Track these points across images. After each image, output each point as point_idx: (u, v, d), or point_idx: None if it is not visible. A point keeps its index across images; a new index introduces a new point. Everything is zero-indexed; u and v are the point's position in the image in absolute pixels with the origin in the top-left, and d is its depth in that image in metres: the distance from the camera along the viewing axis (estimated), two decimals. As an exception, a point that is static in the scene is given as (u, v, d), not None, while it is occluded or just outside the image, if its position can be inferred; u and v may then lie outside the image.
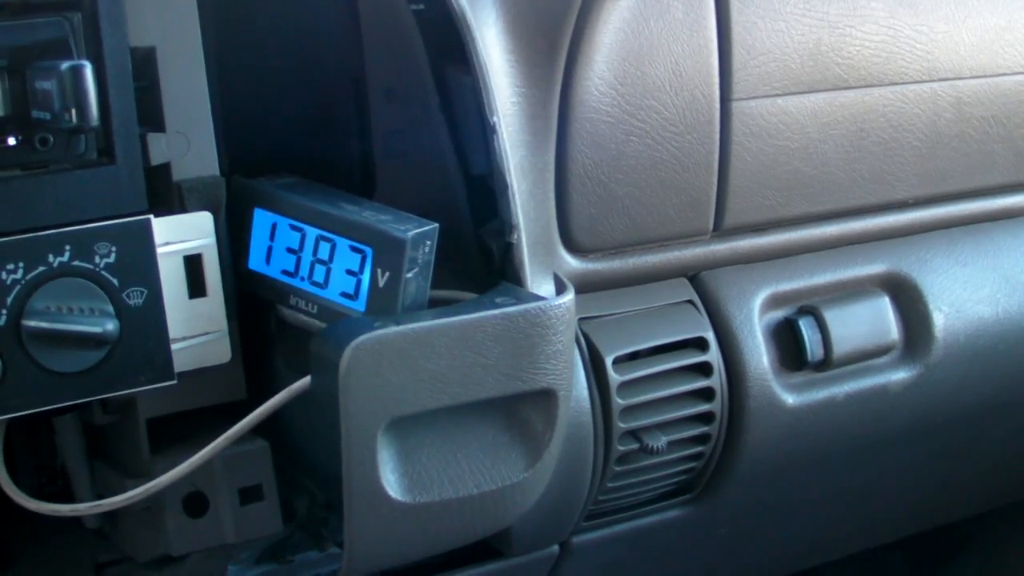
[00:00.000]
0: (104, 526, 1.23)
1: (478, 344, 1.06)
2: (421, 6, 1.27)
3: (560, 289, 1.14)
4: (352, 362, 1.02)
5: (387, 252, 1.10)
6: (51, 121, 0.99)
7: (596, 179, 1.29)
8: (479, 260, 1.25)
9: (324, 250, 1.13)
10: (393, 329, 1.03)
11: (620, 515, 1.42)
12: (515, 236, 1.19)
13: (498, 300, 1.10)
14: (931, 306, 1.50)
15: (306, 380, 1.08)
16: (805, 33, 1.38)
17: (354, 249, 1.11)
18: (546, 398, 1.11)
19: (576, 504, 1.34)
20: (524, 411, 1.11)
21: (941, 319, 1.50)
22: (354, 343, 1.01)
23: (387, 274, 1.10)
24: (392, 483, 1.06)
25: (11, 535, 1.30)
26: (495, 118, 1.18)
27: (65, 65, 0.98)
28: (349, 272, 1.12)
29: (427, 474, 1.08)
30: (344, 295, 1.12)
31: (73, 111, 0.98)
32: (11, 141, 1.01)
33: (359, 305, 1.12)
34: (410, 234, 1.09)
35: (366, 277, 1.11)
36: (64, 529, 1.27)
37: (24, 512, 1.10)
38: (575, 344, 1.29)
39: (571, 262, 1.31)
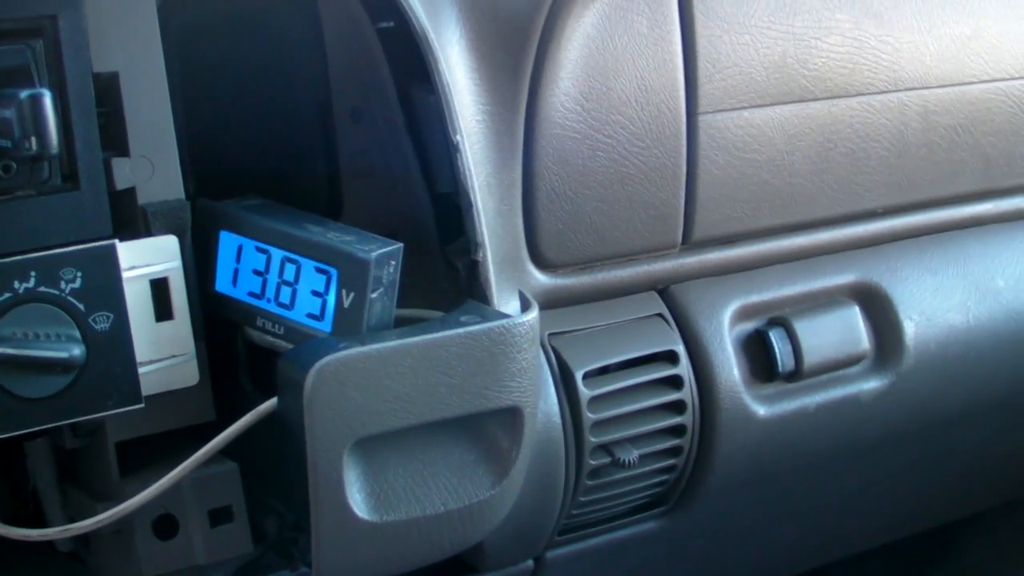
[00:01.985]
0: (77, 549, 1.23)
1: (443, 363, 1.06)
2: (391, 24, 1.28)
3: (525, 306, 1.15)
4: (317, 383, 1.02)
5: (352, 273, 1.10)
6: (12, 149, 1.00)
7: (563, 195, 1.30)
8: (446, 278, 1.26)
9: (290, 271, 1.13)
10: (357, 350, 1.04)
11: (594, 529, 1.43)
12: (480, 254, 1.20)
13: (463, 319, 1.11)
14: (901, 315, 1.51)
15: (273, 401, 1.08)
16: (770, 46, 1.39)
17: (319, 270, 1.12)
18: (512, 415, 1.11)
19: (549, 519, 1.34)
20: (490, 429, 1.12)
21: (912, 328, 1.51)
22: (319, 364, 1.02)
23: (352, 294, 1.10)
24: (359, 502, 1.07)
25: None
26: (458, 137, 1.19)
27: (24, 94, 0.99)
28: (315, 293, 1.12)
29: (394, 493, 1.09)
30: (310, 316, 1.13)
31: (33, 139, 0.99)
32: (-27, 169, 1.02)
33: (325, 326, 1.12)
34: (374, 254, 1.10)
35: (331, 298, 1.11)
36: (38, 553, 1.27)
37: (-4, 536, 1.11)
38: (544, 359, 1.30)
39: (540, 278, 1.31)
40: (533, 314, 1.11)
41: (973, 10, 1.51)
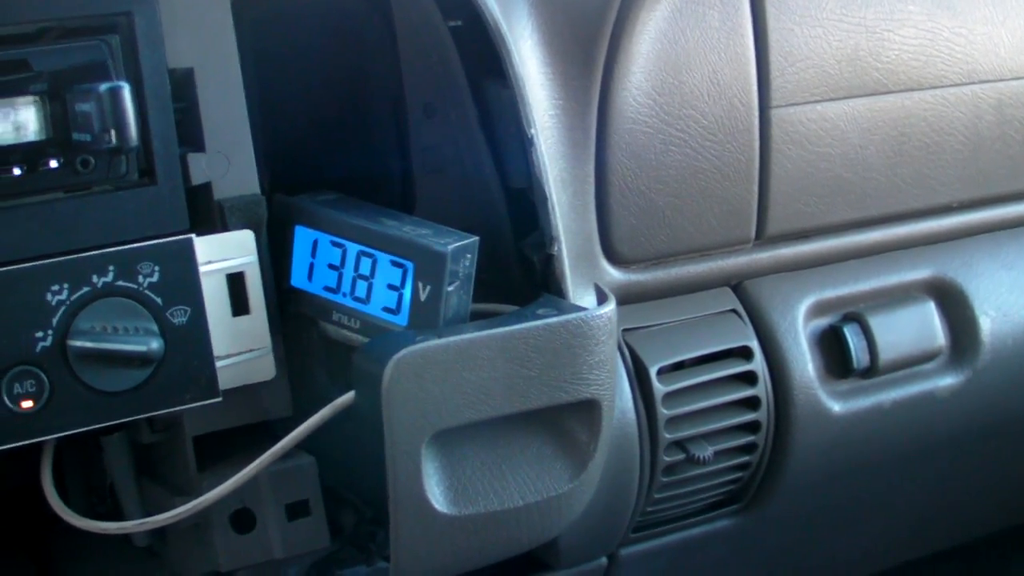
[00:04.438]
0: (153, 544, 1.24)
1: (520, 355, 1.06)
2: (459, 22, 1.28)
3: (601, 299, 1.14)
4: (395, 376, 1.02)
5: (428, 266, 1.10)
6: (92, 143, 1.01)
7: (636, 189, 1.29)
8: (520, 273, 1.25)
9: (365, 265, 1.13)
10: (435, 342, 1.03)
11: (668, 526, 1.42)
12: (556, 248, 1.19)
13: (539, 312, 1.10)
14: (977, 310, 1.49)
15: (350, 395, 1.08)
16: (843, 39, 1.38)
17: (395, 264, 1.12)
18: (589, 408, 1.11)
19: (623, 515, 1.34)
20: (567, 422, 1.11)
21: (988, 323, 1.49)
22: (396, 357, 1.02)
23: (428, 288, 1.10)
24: (437, 496, 1.07)
25: (63, 554, 1.30)
26: (533, 131, 1.18)
27: (104, 87, 0.99)
28: (391, 287, 1.12)
29: (472, 486, 1.08)
30: (386, 310, 1.13)
31: (113, 132, 1.00)
32: (53, 164, 1.03)
33: (401, 319, 1.12)
34: (450, 247, 1.10)
35: (407, 291, 1.11)
36: (115, 548, 1.28)
37: (75, 531, 1.11)
38: (619, 355, 1.29)
39: (613, 273, 1.31)
40: (611, 307, 1.10)
41: (1048, 2, 1.50)
